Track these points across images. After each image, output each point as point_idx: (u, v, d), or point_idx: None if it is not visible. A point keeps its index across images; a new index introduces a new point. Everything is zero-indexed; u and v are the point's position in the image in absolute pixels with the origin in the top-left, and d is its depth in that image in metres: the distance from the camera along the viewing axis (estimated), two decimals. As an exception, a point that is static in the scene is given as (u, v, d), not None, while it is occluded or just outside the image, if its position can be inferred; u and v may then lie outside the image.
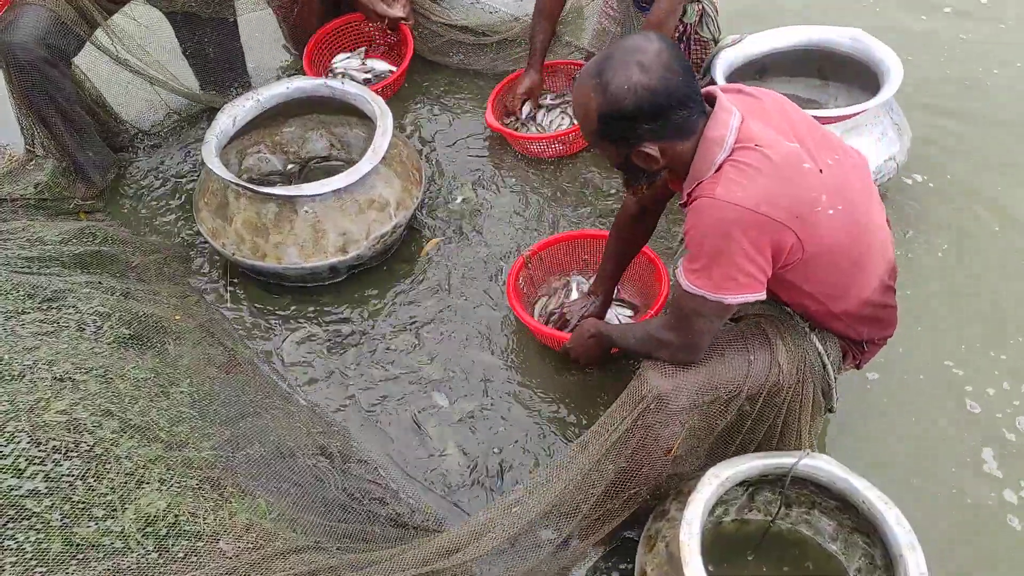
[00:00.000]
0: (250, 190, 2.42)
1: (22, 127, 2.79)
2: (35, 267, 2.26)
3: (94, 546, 1.41)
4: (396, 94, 3.29)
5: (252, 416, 2.05)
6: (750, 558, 1.88)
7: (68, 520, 1.42)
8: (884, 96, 2.43)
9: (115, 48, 2.84)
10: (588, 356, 2.13)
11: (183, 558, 1.47)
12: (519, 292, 2.40)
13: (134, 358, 1.99)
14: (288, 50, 3.60)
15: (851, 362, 1.86)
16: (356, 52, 3.43)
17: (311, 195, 2.41)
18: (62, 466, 1.49)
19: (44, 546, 1.37)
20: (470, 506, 2.08)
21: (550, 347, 2.37)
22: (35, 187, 2.75)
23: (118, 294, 2.28)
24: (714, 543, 1.87)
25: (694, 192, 1.54)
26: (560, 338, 2.19)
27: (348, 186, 2.43)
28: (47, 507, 1.41)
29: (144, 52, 2.94)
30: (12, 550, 1.34)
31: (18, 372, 1.70)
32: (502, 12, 3.47)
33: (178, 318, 2.34)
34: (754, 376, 1.69)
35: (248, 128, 2.76)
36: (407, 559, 1.64)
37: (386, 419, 2.28)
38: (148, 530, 1.48)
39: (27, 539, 1.36)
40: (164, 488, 1.57)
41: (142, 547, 1.45)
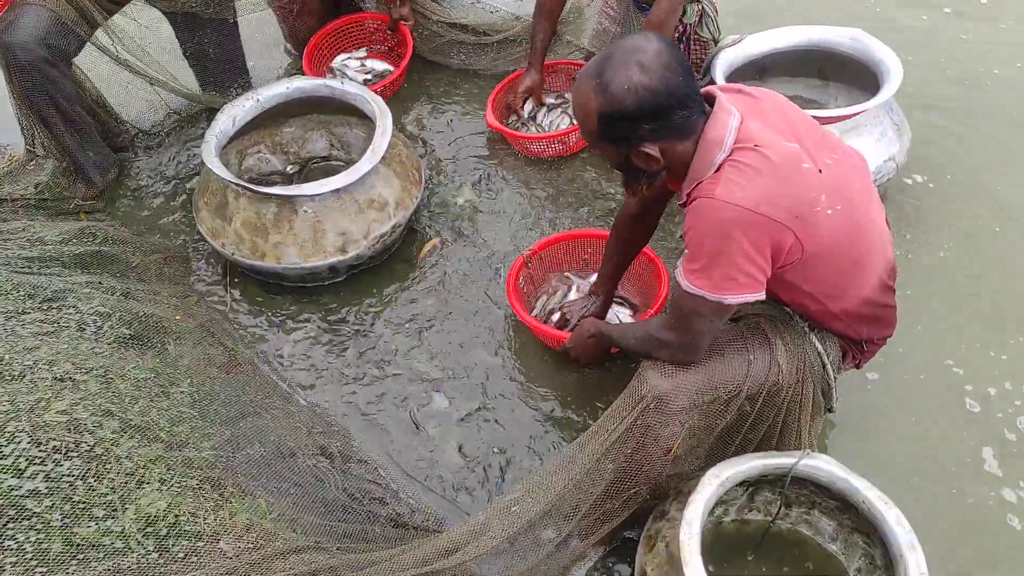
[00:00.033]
0: (249, 190, 2.42)
1: (22, 127, 2.79)
2: (35, 267, 2.26)
3: (94, 546, 1.41)
4: (396, 94, 3.29)
5: (252, 416, 2.05)
6: (750, 558, 1.88)
7: (68, 520, 1.42)
8: (884, 96, 2.43)
9: (115, 48, 2.85)
10: (588, 356, 2.13)
11: (183, 558, 1.47)
12: (519, 291, 2.40)
13: (134, 358, 1.99)
14: (288, 51, 3.60)
15: (851, 362, 1.86)
16: (356, 53, 3.44)
17: (310, 195, 2.41)
18: (62, 466, 1.49)
19: (44, 546, 1.37)
20: (470, 506, 2.08)
21: (550, 346, 2.38)
22: (35, 187, 2.75)
23: (118, 294, 2.28)
24: (714, 543, 1.87)
25: (693, 192, 1.54)
26: (560, 337, 2.19)
27: (347, 186, 2.43)
28: (47, 507, 1.41)
29: (144, 53, 2.95)
30: (12, 550, 1.34)
31: (18, 372, 1.70)
32: (503, 11, 3.48)
33: (178, 318, 2.34)
34: (754, 376, 1.69)
35: (248, 128, 2.76)
36: (407, 559, 1.65)
37: (386, 419, 2.28)
38: (148, 530, 1.48)
39: (27, 539, 1.36)
40: (164, 488, 1.57)
41: (142, 547, 1.45)
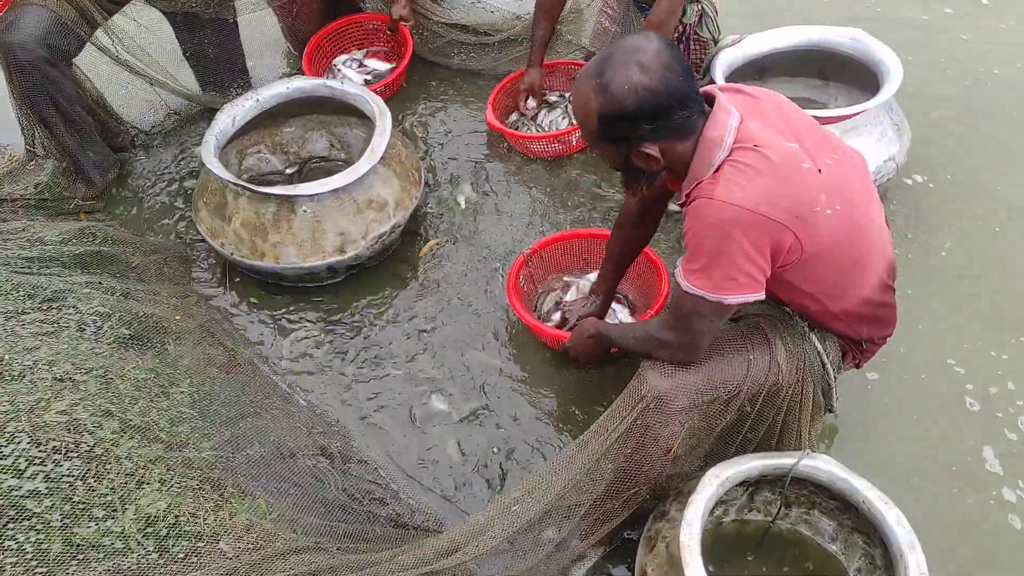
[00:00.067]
0: (248, 189, 2.42)
1: (22, 127, 2.79)
2: (35, 267, 2.26)
3: (94, 546, 1.41)
4: (396, 94, 3.29)
5: (252, 416, 2.05)
6: (750, 558, 1.88)
7: (68, 520, 1.42)
8: (884, 96, 2.43)
9: (115, 48, 2.85)
10: (587, 355, 2.13)
11: (183, 558, 1.47)
12: (519, 290, 2.40)
13: (134, 358, 1.99)
14: (288, 50, 3.60)
15: (851, 362, 1.86)
16: (355, 54, 3.44)
17: (309, 195, 2.41)
18: (62, 466, 1.49)
19: (44, 546, 1.37)
20: (470, 506, 2.08)
21: (550, 346, 2.38)
22: (35, 187, 2.76)
23: (118, 294, 2.28)
24: (714, 543, 1.87)
25: (693, 192, 1.54)
26: (560, 337, 2.19)
27: (346, 186, 2.43)
28: (47, 507, 1.41)
29: (144, 53, 2.95)
30: (13, 550, 1.34)
31: (18, 372, 1.70)
32: (503, 11, 3.48)
33: (178, 318, 2.34)
34: (753, 376, 1.69)
35: (248, 128, 2.76)
36: (407, 559, 1.64)
37: (386, 419, 2.28)
38: (148, 530, 1.48)
39: (27, 539, 1.36)
40: (164, 488, 1.57)
41: (142, 547, 1.45)
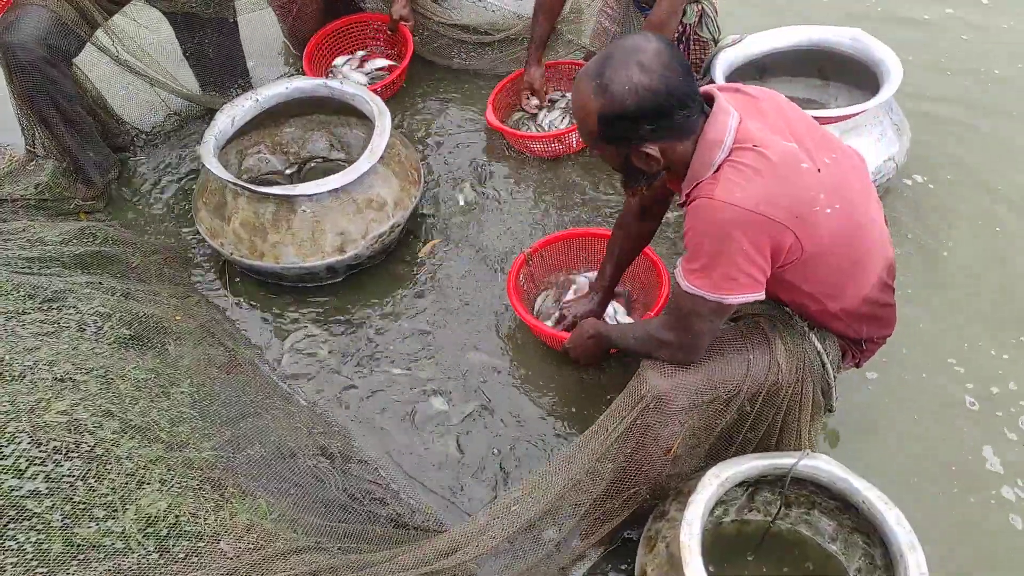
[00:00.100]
0: (248, 189, 2.42)
1: (23, 127, 2.79)
2: (36, 267, 2.26)
3: (95, 547, 1.41)
4: (396, 94, 3.29)
5: (253, 416, 2.05)
6: (750, 558, 1.88)
7: (69, 521, 1.42)
8: (884, 96, 2.43)
9: (115, 48, 2.85)
10: (587, 356, 2.13)
11: (184, 559, 1.47)
12: (519, 290, 2.40)
13: (134, 358, 1.99)
14: (288, 50, 3.60)
15: (850, 361, 1.86)
16: (356, 53, 3.44)
17: (308, 194, 2.41)
18: (63, 467, 1.49)
19: (45, 547, 1.37)
20: (470, 506, 2.08)
21: (549, 346, 2.38)
22: (36, 187, 2.75)
23: (118, 294, 2.28)
24: (714, 543, 1.87)
25: (692, 193, 1.54)
26: (559, 337, 2.19)
27: (346, 185, 2.43)
28: (48, 507, 1.41)
29: (144, 53, 2.95)
30: (13, 550, 1.34)
31: (19, 372, 1.70)
32: (503, 10, 3.47)
33: (178, 318, 2.34)
34: (753, 376, 1.69)
35: (248, 128, 2.76)
36: (407, 559, 1.65)
37: (386, 419, 2.28)
38: (149, 531, 1.48)
39: (28, 539, 1.36)
40: (165, 489, 1.57)
41: (143, 548, 1.45)
